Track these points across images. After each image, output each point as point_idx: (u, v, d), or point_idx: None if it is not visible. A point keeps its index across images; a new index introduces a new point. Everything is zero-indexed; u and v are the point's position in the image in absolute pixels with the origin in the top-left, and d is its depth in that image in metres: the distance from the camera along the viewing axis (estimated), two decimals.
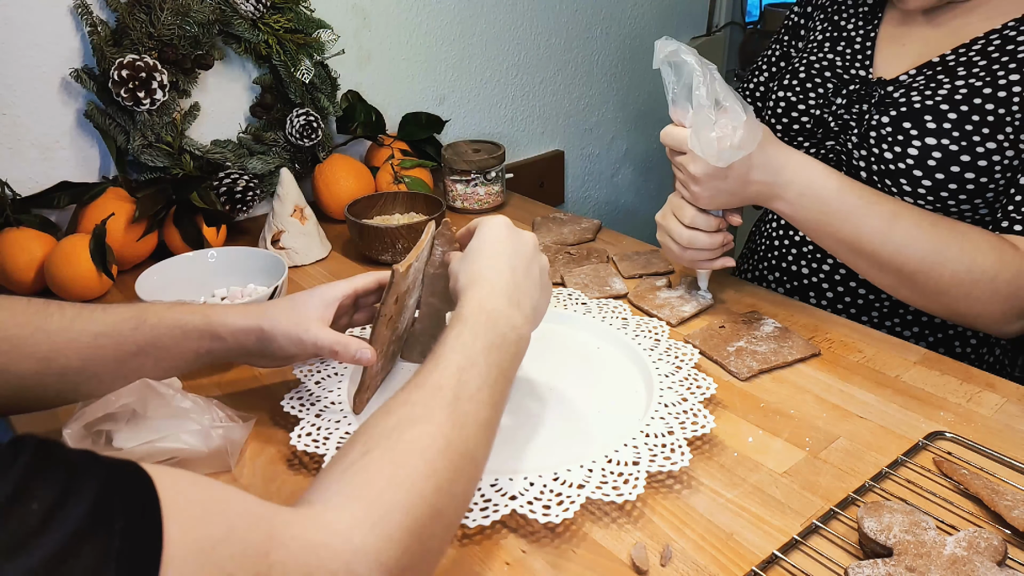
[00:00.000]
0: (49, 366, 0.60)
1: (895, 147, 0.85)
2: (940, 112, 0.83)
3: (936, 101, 0.83)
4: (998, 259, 0.76)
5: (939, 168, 0.82)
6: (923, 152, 0.83)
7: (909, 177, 0.84)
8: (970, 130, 0.81)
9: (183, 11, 1.01)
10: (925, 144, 0.83)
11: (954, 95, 0.83)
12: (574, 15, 1.53)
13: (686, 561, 0.57)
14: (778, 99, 0.99)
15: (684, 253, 0.86)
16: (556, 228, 1.13)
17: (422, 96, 1.36)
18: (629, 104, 1.71)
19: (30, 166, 1.01)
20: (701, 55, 0.77)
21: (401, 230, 1.01)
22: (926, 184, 0.84)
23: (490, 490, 0.60)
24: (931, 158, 0.83)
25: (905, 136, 0.84)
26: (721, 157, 0.75)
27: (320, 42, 1.13)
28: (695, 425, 0.68)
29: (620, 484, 0.60)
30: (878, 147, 0.87)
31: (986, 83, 0.82)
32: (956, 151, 0.82)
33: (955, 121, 0.82)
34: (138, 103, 0.99)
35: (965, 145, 0.81)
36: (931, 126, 0.83)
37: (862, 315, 0.96)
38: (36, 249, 0.94)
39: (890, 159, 0.86)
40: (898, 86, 0.88)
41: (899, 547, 0.54)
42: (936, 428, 0.70)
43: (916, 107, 0.84)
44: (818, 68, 0.96)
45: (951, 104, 0.82)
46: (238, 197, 1.07)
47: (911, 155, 0.84)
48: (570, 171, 1.66)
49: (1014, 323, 0.79)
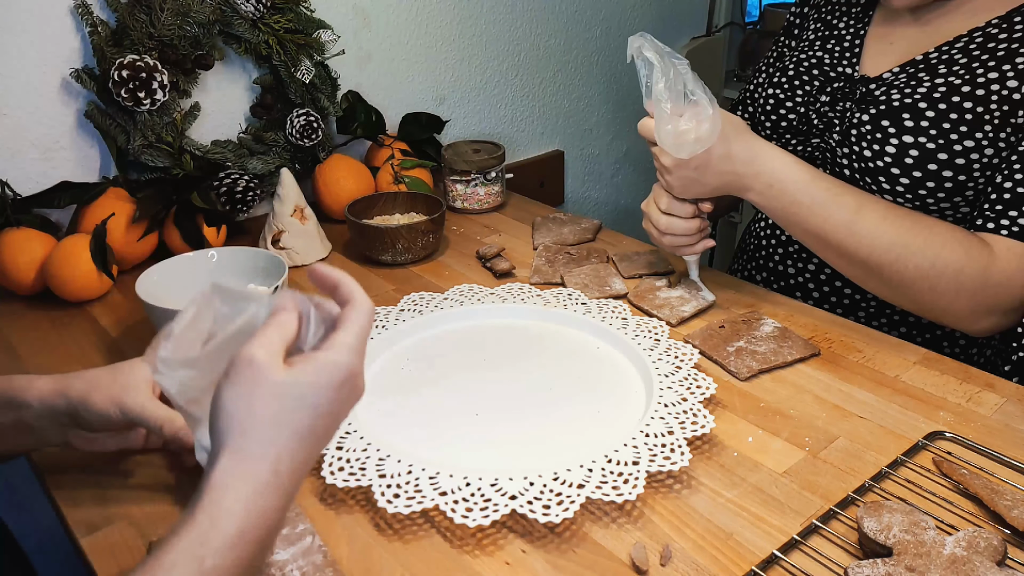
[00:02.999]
0: None
1: (874, 145, 0.86)
2: (918, 109, 0.83)
3: (915, 99, 0.84)
4: (964, 253, 0.77)
5: (916, 166, 0.83)
6: (900, 150, 0.84)
7: (888, 175, 0.85)
8: (948, 128, 0.81)
9: (183, 11, 1.01)
10: (903, 142, 0.83)
11: (933, 92, 0.83)
12: (574, 15, 1.53)
13: (686, 561, 0.57)
14: (767, 96, 1.00)
15: (663, 238, 0.90)
16: (556, 228, 1.13)
17: (422, 96, 1.36)
18: (629, 104, 1.71)
19: (30, 166, 1.01)
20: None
21: (401, 230, 1.01)
22: (904, 182, 0.84)
23: (490, 490, 0.60)
24: (908, 156, 0.83)
25: (883, 134, 0.85)
26: (681, 149, 0.79)
27: (320, 42, 1.13)
28: (695, 425, 0.68)
29: (620, 484, 0.61)
30: (858, 145, 0.88)
31: (965, 80, 0.82)
32: (933, 149, 0.82)
33: (933, 119, 0.82)
34: (138, 103, 0.99)
35: (943, 143, 0.81)
36: (908, 124, 0.83)
37: (849, 315, 0.96)
38: (36, 249, 0.94)
39: (869, 156, 0.86)
40: (880, 83, 0.89)
41: (899, 547, 0.54)
42: (936, 428, 0.70)
43: (895, 105, 0.85)
44: (806, 66, 0.97)
45: (929, 102, 0.83)
46: (238, 197, 1.07)
47: (889, 152, 0.85)
48: (570, 171, 1.66)
49: (982, 319, 0.79)
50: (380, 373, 0.79)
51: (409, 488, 0.61)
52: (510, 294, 0.92)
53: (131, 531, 0.61)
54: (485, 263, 1.04)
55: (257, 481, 0.43)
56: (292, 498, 0.46)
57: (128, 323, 0.91)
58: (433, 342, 0.85)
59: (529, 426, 0.71)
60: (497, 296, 0.92)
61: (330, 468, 0.63)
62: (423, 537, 0.60)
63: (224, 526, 0.42)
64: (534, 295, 0.92)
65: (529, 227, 1.16)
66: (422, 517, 0.62)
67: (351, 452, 0.65)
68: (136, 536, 0.60)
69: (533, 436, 0.70)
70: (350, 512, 0.62)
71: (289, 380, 0.45)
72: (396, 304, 0.90)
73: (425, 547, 0.59)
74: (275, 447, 0.44)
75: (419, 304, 0.90)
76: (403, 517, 0.62)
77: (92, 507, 0.63)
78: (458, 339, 0.85)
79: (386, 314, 0.87)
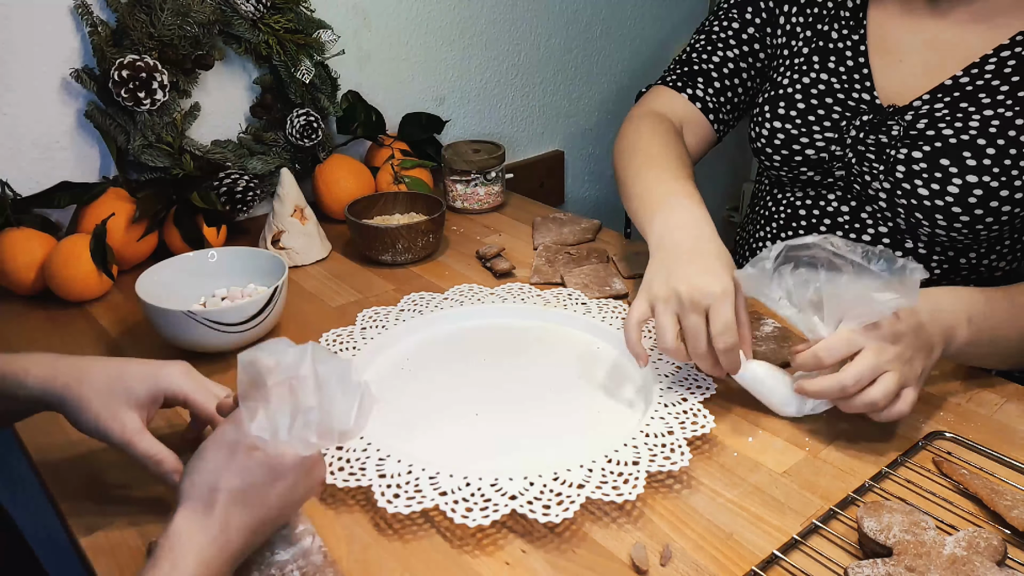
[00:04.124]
0: None
1: (932, 184, 0.82)
2: (978, 147, 0.80)
3: (972, 135, 0.81)
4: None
5: (979, 204, 0.81)
6: (964, 190, 0.81)
7: (947, 213, 0.82)
8: (1009, 164, 0.79)
9: (183, 11, 1.01)
10: (966, 182, 0.80)
11: (987, 127, 0.80)
12: (574, 15, 1.53)
13: (686, 561, 0.57)
14: (774, 130, 0.93)
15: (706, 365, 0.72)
16: (556, 228, 1.13)
17: (422, 96, 1.36)
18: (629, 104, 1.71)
19: (30, 166, 1.01)
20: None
21: (401, 230, 1.01)
22: (964, 219, 0.82)
23: (490, 490, 0.60)
24: (972, 195, 0.80)
25: (944, 173, 0.81)
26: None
27: (320, 42, 1.13)
28: (695, 425, 0.68)
29: (620, 484, 0.61)
30: (909, 182, 0.84)
31: (1017, 113, 0.80)
32: (997, 187, 0.80)
33: (994, 156, 0.80)
34: (138, 103, 0.99)
35: (1005, 180, 0.80)
36: (971, 163, 0.80)
37: None
38: (36, 249, 0.94)
39: (925, 195, 0.83)
40: (917, 115, 0.85)
41: (899, 547, 0.54)
42: (936, 428, 0.70)
43: (952, 143, 0.81)
44: (816, 94, 0.91)
45: (987, 138, 0.80)
46: (238, 197, 1.07)
47: (951, 192, 0.81)
48: (570, 171, 1.66)
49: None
50: (380, 373, 0.79)
51: (409, 488, 0.61)
52: (510, 294, 0.92)
53: (131, 531, 0.61)
54: (485, 263, 1.04)
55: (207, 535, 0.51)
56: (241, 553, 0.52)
57: (128, 323, 0.91)
58: (433, 342, 0.85)
59: (529, 426, 0.71)
60: (497, 296, 0.92)
61: (330, 468, 0.63)
62: (423, 537, 0.60)
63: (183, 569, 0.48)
64: (534, 295, 0.92)
65: (529, 227, 1.16)
66: (422, 517, 0.62)
67: (351, 452, 0.65)
68: (136, 536, 0.60)
69: (533, 436, 0.70)
70: (350, 512, 0.62)
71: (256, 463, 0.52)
72: (396, 304, 0.90)
73: (425, 547, 0.59)
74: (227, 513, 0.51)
75: (419, 304, 0.90)
76: (403, 517, 0.62)
77: (92, 507, 0.63)
78: (458, 339, 0.85)
79: (386, 314, 0.87)
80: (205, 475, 0.52)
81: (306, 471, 0.55)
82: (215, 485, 0.51)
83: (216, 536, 0.50)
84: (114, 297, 0.97)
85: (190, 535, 0.50)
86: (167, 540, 0.49)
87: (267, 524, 0.54)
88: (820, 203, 0.95)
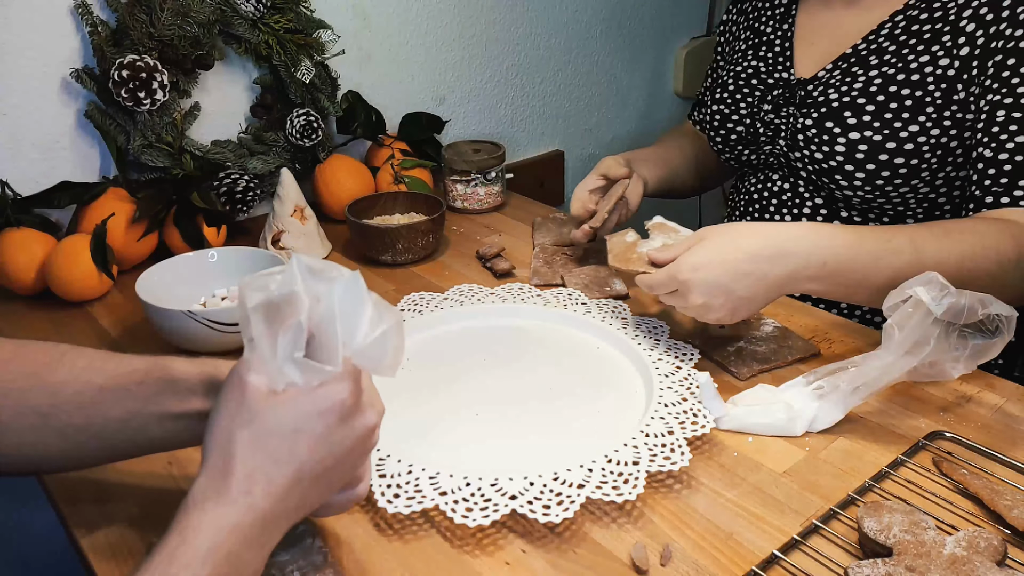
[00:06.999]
0: (47, 422, 0.52)
1: (823, 147, 0.88)
2: (858, 106, 0.85)
3: (853, 96, 0.86)
4: (1011, 238, 0.76)
5: (868, 160, 0.85)
6: (849, 148, 0.86)
7: (843, 172, 0.87)
8: (890, 118, 0.83)
9: (183, 11, 1.01)
10: (849, 139, 0.85)
11: (869, 86, 0.85)
12: (574, 15, 1.53)
13: (686, 561, 0.57)
14: (712, 112, 1.03)
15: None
16: (556, 228, 1.13)
17: (422, 96, 1.36)
18: (629, 104, 1.71)
19: (30, 166, 1.01)
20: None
21: (401, 230, 1.01)
22: (860, 176, 0.86)
23: (490, 490, 0.60)
24: (858, 152, 0.85)
25: (829, 135, 0.87)
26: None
27: (320, 42, 1.13)
28: (695, 425, 0.68)
29: (620, 484, 0.61)
30: (807, 148, 0.89)
31: (898, 69, 0.84)
32: (880, 140, 0.84)
33: (873, 112, 0.84)
34: (138, 103, 0.99)
35: (888, 133, 0.84)
36: (851, 121, 0.85)
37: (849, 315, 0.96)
38: (36, 249, 0.94)
39: (820, 159, 0.88)
40: (816, 84, 0.91)
41: (899, 547, 0.54)
42: (936, 428, 0.70)
43: (835, 105, 0.87)
44: (744, 77, 1.00)
45: (867, 96, 0.85)
46: (238, 197, 1.07)
47: (839, 152, 0.86)
48: (570, 171, 1.66)
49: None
50: None
51: (409, 488, 0.61)
52: (510, 294, 0.92)
53: (131, 531, 0.61)
54: (485, 263, 1.04)
55: (226, 498, 0.44)
56: (275, 521, 0.46)
57: (128, 323, 0.91)
58: (433, 342, 0.85)
59: (529, 426, 0.71)
60: (497, 296, 0.92)
61: None
62: (423, 537, 0.60)
63: (194, 542, 0.43)
64: (534, 295, 0.92)
65: (529, 227, 1.16)
66: (422, 517, 0.62)
67: None
68: (136, 536, 0.60)
69: (533, 436, 0.70)
70: (350, 512, 0.62)
71: (269, 406, 0.46)
72: (396, 304, 0.90)
73: (425, 547, 0.59)
74: (246, 468, 0.45)
75: (419, 304, 0.90)
76: (403, 517, 0.62)
77: (92, 507, 0.63)
78: (458, 339, 0.85)
79: None
80: (218, 431, 0.46)
81: (340, 418, 0.47)
82: (229, 437, 0.45)
83: (235, 499, 0.44)
84: (114, 297, 0.97)
85: (202, 502, 0.44)
86: (179, 511, 0.44)
87: (306, 482, 0.47)
88: (768, 184, 1.02)
